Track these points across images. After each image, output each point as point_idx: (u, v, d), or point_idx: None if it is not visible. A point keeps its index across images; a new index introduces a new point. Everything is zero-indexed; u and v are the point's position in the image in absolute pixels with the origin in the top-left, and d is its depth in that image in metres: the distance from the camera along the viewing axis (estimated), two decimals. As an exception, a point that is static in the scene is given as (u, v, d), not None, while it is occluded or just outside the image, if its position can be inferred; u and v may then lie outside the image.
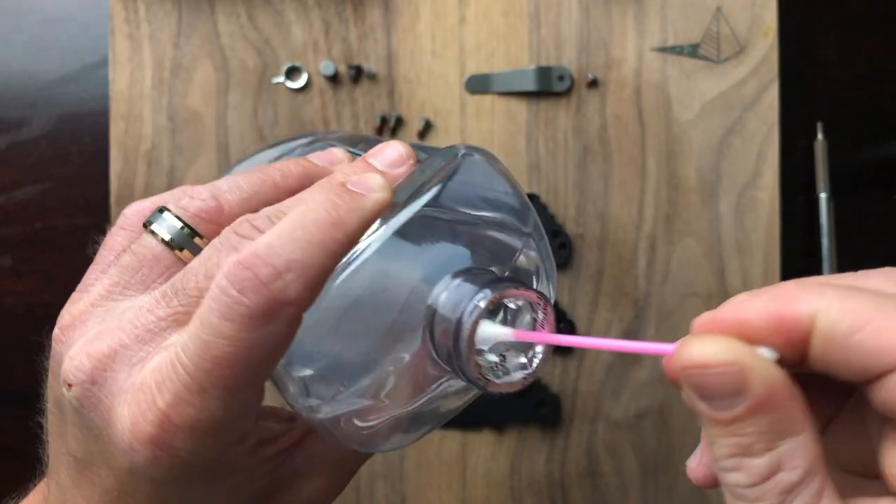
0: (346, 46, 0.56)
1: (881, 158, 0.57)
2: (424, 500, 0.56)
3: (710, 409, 0.20)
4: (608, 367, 0.55)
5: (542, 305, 0.25)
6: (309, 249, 0.23)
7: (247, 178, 0.28)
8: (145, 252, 0.27)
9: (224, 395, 0.23)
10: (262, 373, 0.24)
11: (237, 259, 0.23)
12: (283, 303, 0.23)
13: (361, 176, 0.26)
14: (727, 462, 0.20)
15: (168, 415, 0.23)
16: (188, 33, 0.56)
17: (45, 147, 0.57)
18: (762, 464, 0.20)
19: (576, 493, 0.55)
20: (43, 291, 0.57)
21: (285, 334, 0.23)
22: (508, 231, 0.28)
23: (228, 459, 0.26)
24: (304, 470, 0.29)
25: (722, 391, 0.19)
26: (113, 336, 0.25)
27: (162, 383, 0.24)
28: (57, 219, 0.57)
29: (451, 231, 0.27)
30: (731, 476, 0.20)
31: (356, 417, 0.27)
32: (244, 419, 0.25)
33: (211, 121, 0.56)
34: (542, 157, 0.55)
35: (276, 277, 0.23)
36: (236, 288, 0.22)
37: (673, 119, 0.55)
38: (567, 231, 0.55)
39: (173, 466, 0.24)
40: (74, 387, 0.25)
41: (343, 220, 0.24)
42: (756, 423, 0.20)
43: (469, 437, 0.56)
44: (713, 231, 0.55)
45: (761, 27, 0.55)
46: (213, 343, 0.23)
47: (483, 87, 0.55)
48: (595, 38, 0.55)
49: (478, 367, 0.25)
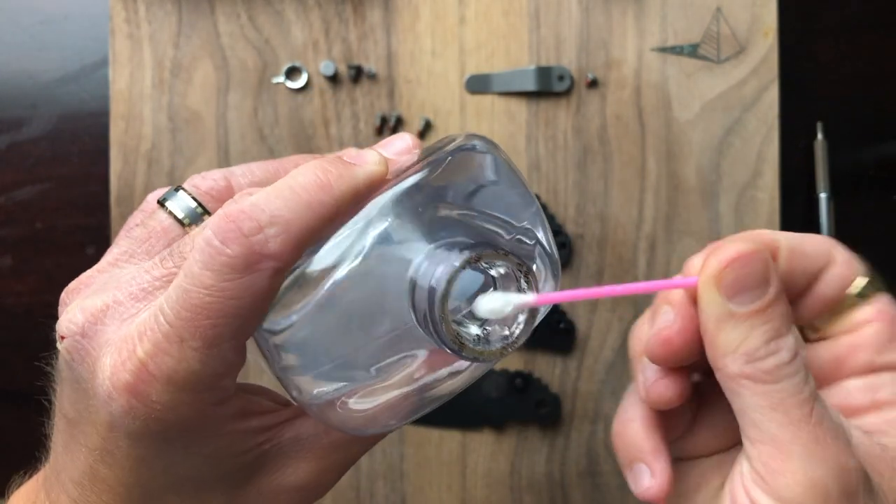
0: (346, 46, 0.56)
1: (881, 158, 0.57)
2: (424, 499, 0.56)
3: (743, 304, 0.24)
4: (608, 367, 0.55)
5: (524, 272, 0.25)
6: (294, 207, 0.24)
7: (261, 164, 0.29)
8: (155, 225, 0.28)
9: (202, 346, 0.24)
10: (242, 328, 0.24)
11: (223, 213, 0.24)
12: (264, 255, 0.23)
13: (360, 152, 0.27)
14: (767, 347, 0.24)
15: (146, 363, 0.24)
16: (188, 33, 0.56)
17: (45, 147, 0.57)
18: (792, 340, 0.24)
19: (576, 493, 0.55)
20: (43, 291, 0.57)
21: (265, 288, 0.24)
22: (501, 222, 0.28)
23: (207, 421, 0.26)
24: (292, 452, 0.29)
25: (756, 280, 0.24)
26: (108, 293, 0.26)
27: (144, 333, 0.24)
28: (57, 219, 0.57)
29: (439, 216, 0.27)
30: (773, 359, 0.24)
31: (351, 399, 0.27)
32: (223, 378, 0.25)
33: (211, 121, 0.56)
34: (542, 157, 0.55)
35: (259, 231, 0.23)
36: (219, 238, 0.23)
37: (673, 119, 0.55)
38: (567, 231, 0.55)
39: (149, 420, 0.24)
40: (66, 339, 0.25)
41: (331, 184, 0.25)
42: (781, 306, 0.24)
43: (469, 437, 0.56)
44: (713, 231, 0.55)
45: (761, 27, 0.55)
46: (193, 292, 0.23)
47: (483, 87, 0.55)
48: (595, 38, 0.55)
49: (455, 332, 0.24)
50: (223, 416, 0.26)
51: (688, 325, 0.26)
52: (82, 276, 0.27)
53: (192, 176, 0.28)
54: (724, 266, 0.24)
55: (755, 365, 0.24)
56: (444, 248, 0.26)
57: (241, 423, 0.27)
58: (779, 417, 0.24)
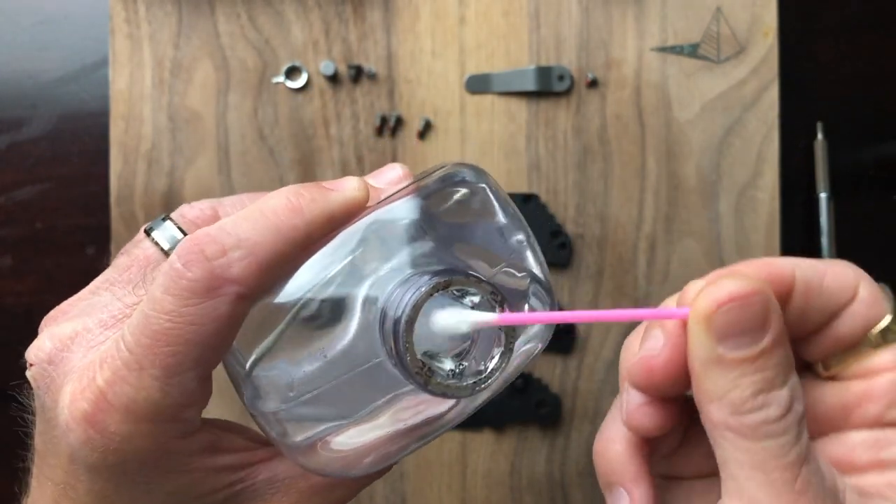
0: (346, 46, 0.56)
1: (881, 158, 0.57)
2: (424, 500, 0.56)
3: (734, 349, 0.21)
4: (608, 366, 0.55)
5: (499, 301, 0.24)
6: (260, 231, 0.23)
7: (252, 195, 0.29)
8: (139, 253, 0.27)
9: (162, 375, 0.23)
10: (204, 356, 0.23)
11: (190, 237, 0.23)
12: (225, 279, 0.22)
13: (342, 179, 0.26)
14: (754, 401, 0.21)
15: (105, 392, 0.23)
16: (188, 33, 0.56)
17: (45, 147, 0.57)
18: (785, 395, 0.22)
19: (576, 493, 0.55)
20: (43, 291, 0.57)
21: (228, 314, 0.23)
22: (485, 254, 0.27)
23: (169, 456, 0.25)
24: (266, 494, 0.27)
25: (750, 324, 0.21)
26: (79, 321, 0.25)
27: (104, 360, 0.23)
28: (57, 219, 0.57)
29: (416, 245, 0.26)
30: (758, 415, 0.21)
31: (332, 439, 0.25)
32: (185, 409, 0.24)
33: (211, 121, 0.56)
34: (542, 157, 0.55)
35: (222, 254, 0.22)
36: (181, 262, 0.22)
37: (673, 119, 0.55)
38: (567, 231, 0.55)
39: (107, 452, 0.23)
40: (34, 367, 0.25)
41: (302, 209, 0.24)
42: (777, 356, 0.22)
43: (469, 437, 0.56)
44: (713, 231, 0.55)
45: (761, 27, 0.55)
46: (153, 317, 0.22)
47: (483, 87, 0.55)
48: (595, 38, 0.55)
49: (421, 363, 0.23)
50: (187, 450, 0.25)
51: (676, 357, 0.23)
52: (63, 304, 0.27)
53: (182, 205, 0.28)
54: (716, 305, 0.21)
55: (740, 418, 0.22)
56: (416, 276, 0.24)
57: (208, 460, 0.26)
58: (759, 477, 0.21)
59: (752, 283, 0.21)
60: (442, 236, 0.26)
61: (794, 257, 0.24)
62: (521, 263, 0.27)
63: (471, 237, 0.26)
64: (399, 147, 0.55)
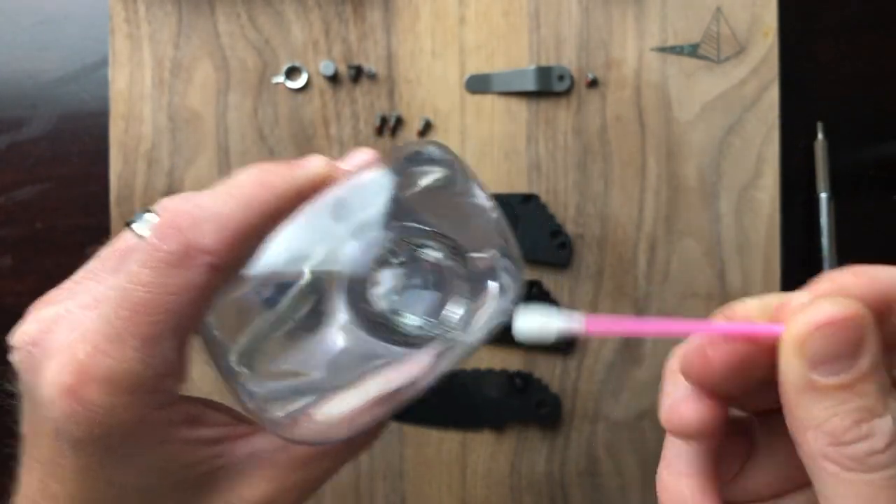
0: (346, 46, 0.56)
1: (881, 158, 0.57)
2: (424, 499, 0.56)
3: (827, 375, 0.20)
4: (608, 367, 0.55)
5: (457, 250, 0.25)
6: (231, 204, 0.24)
7: None
8: (120, 244, 0.28)
9: (141, 345, 0.24)
10: (181, 325, 0.24)
11: (165, 214, 0.24)
12: (199, 250, 0.24)
13: (307, 157, 0.28)
14: (855, 432, 0.20)
15: (86, 365, 0.24)
16: (188, 33, 0.56)
17: (45, 147, 0.57)
18: (888, 422, 0.20)
19: (576, 493, 0.55)
20: (43, 291, 0.57)
21: (202, 283, 0.24)
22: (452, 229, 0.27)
23: (150, 427, 0.25)
24: (247, 469, 0.27)
25: (846, 349, 0.20)
26: (61, 305, 0.26)
27: (85, 335, 0.24)
28: (57, 219, 0.57)
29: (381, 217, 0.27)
30: (861, 446, 0.20)
31: (311, 410, 0.26)
32: (164, 379, 0.25)
33: (211, 121, 0.56)
34: (542, 157, 0.55)
35: (196, 227, 0.24)
36: (157, 236, 0.24)
37: (673, 119, 0.55)
38: (567, 231, 0.55)
39: (91, 425, 0.24)
40: (19, 349, 0.26)
41: (272, 183, 0.25)
42: (874, 382, 0.20)
43: (469, 437, 0.56)
44: (713, 231, 0.55)
45: (761, 27, 0.55)
46: (131, 290, 0.24)
47: (483, 87, 0.55)
48: (595, 38, 0.55)
49: (384, 316, 0.24)
50: (167, 421, 0.26)
51: (740, 347, 0.22)
52: (48, 293, 0.28)
53: (163, 199, 0.29)
54: (811, 329, 0.20)
55: (842, 449, 0.20)
56: (377, 237, 0.26)
57: (188, 432, 0.27)
58: None
59: (851, 306, 0.20)
60: (406, 209, 0.27)
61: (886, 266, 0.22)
62: (490, 238, 0.27)
63: (436, 211, 0.27)
64: (399, 147, 0.55)
